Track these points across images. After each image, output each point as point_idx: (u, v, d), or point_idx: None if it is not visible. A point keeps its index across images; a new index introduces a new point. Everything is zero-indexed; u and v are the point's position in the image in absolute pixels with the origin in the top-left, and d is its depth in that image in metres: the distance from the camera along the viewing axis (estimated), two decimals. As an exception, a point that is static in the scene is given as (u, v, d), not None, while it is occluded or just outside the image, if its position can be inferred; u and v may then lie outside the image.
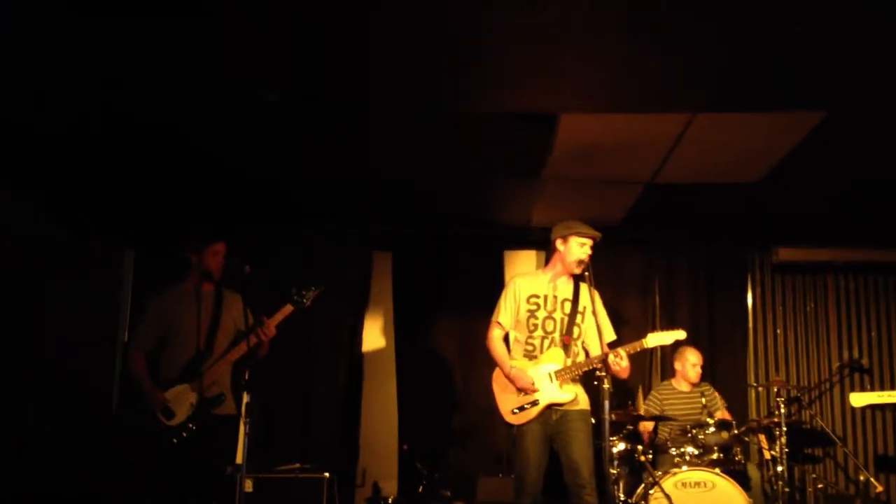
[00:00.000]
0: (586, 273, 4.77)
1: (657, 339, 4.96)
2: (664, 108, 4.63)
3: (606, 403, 4.34)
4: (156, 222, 6.79)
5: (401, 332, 7.24)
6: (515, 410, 4.81)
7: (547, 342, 4.89)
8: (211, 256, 4.82)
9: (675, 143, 5.09)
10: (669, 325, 6.90)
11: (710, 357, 6.75)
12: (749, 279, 7.30)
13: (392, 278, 7.32)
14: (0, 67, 4.11)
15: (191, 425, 4.58)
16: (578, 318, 4.94)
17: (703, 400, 5.91)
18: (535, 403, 4.77)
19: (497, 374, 4.98)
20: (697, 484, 5.31)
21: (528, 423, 4.77)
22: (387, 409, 7.04)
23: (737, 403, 6.79)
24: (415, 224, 7.08)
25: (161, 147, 5.32)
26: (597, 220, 5.18)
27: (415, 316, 7.24)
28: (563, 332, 4.90)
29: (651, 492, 5.29)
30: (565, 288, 4.99)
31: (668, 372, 6.65)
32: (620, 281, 7.16)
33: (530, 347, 4.91)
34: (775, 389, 6.01)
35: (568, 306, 4.95)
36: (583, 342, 4.97)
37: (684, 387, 6.36)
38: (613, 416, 5.41)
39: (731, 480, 5.33)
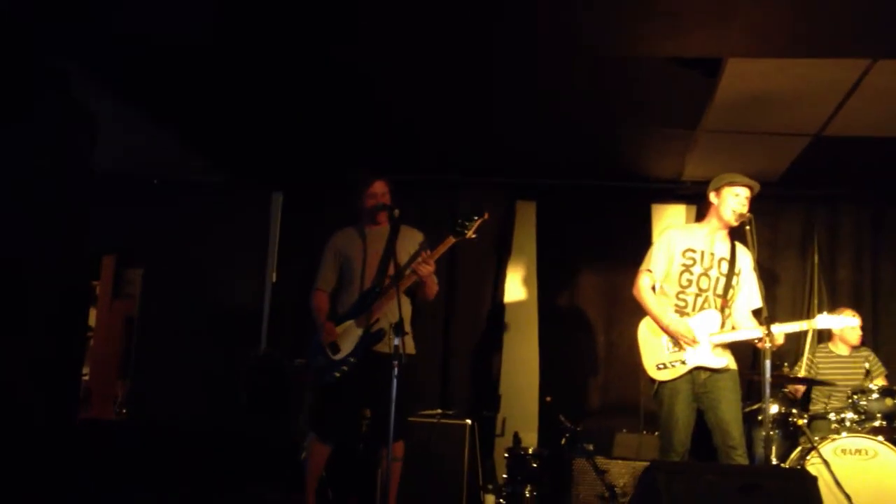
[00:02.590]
0: (747, 227, 4.50)
1: (827, 321, 4.68)
2: (842, 53, 4.35)
3: (767, 363, 4.11)
4: (304, 167, 6.92)
5: (543, 282, 7.16)
6: (661, 366, 4.67)
7: (700, 300, 4.70)
8: (367, 199, 4.80)
9: (851, 91, 4.79)
10: (830, 287, 6.70)
11: (873, 321, 6.43)
12: (918, 239, 6.85)
13: (536, 228, 7.24)
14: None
15: (352, 359, 4.61)
16: (734, 280, 4.72)
17: (867, 365, 5.61)
18: (683, 363, 4.62)
19: (644, 325, 4.82)
20: (858, 451, 5.05)
21: (674, 380, 4.62)
22: (528, 360, 6.99)
23: (901, 370, 6.42)
24: (560, 174, 6.95)
25: (314, 93, 5.38)
26: (754, 175, 4.88)
27: (558, 267, 7.13)
28: (720, 292, 4.70)
29: (808, 457, 5.08)
30: (723, 246, 4.78)
31: (824, 334, 6.32)
32: (778, 239, 6.87)
33: (682, 303, 4.73)
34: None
35: (725, 266, 4.73)
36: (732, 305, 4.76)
37: (843, 350, 6.08)
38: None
39: (896, 449, 5.07)
